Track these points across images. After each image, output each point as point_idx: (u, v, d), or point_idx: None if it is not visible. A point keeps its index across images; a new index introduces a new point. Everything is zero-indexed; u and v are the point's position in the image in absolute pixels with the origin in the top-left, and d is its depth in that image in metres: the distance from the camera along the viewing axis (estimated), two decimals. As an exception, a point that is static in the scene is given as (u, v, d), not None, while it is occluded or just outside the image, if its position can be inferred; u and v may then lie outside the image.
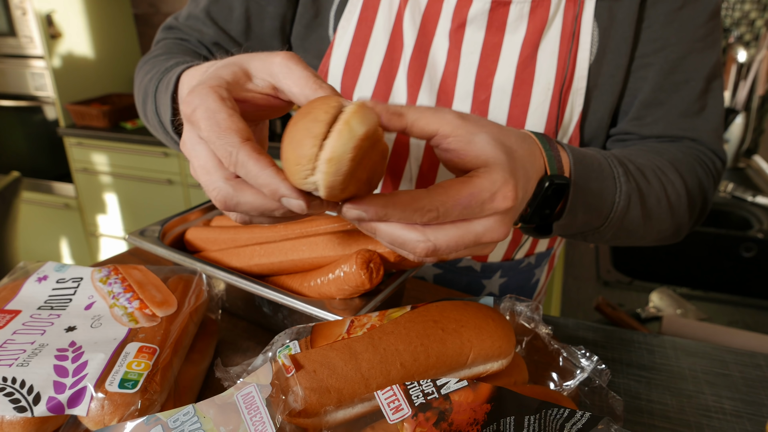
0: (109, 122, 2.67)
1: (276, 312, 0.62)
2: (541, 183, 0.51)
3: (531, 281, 0.94)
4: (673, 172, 0.66)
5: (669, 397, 0.61)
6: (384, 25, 0.77)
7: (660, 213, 0.64)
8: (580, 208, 0.55)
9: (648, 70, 0.71)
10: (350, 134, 0.35)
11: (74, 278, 0.57)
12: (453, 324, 0.48)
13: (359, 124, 0.36)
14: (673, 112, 0.72)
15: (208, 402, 0.42)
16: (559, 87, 0.72)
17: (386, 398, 0.40)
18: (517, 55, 0.73)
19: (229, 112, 0.40)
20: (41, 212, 3.11)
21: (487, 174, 0.42)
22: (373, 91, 0.79)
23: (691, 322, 1.11)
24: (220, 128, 0.39)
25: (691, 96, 0.71)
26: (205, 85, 0.41)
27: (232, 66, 0.44)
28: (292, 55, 0.44)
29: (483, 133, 0.44)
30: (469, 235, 0.43)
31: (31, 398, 0.43)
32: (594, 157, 0.57)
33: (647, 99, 0.72)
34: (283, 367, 0.43)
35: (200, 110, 0.40)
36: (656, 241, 0.69)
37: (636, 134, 0.74)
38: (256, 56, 0.45)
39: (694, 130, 0.72)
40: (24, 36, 2.61)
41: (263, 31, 0.82)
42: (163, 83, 0.61)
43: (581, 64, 0.72)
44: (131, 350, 0.48)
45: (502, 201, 0.42)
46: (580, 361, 0.53)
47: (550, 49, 0.72)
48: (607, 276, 1.35)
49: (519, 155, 0.46)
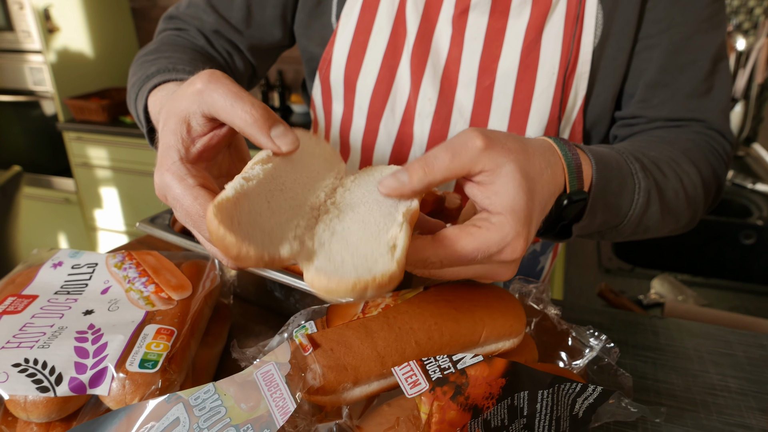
0: (108, 116, 2.67)
1: (288, 296, 0.63)
2: (559, 200, 0.49)
3: (536, 268, 0.95)
4: (687, 162, 0.64)
5: (675, 376, 0.62)
6: (387, 12, 0.77)
7: (678, 205, 0.62)
8: (600, 208, 0.53)
9: (653, 52, 0.71)
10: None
11: (89, 264, 0.57)
12: (466, 303, 0.48)
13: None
14: (680, 93, 0.71)
15: (228, 380, 0.42)
16: (563, 71, 0.72)
17: (404, 374, 0.41)
18: (522, 40, 0.73)
19: (194, 195, 0.41)
20: (41, 207, 3.11)
21: (499, 227, 0.40)
22: (377, 78, 0.79)
23: (693, 307, 1.13)
24: (191, 216, 0.41)
25: (697, 77, 0.70)
26: (163, 169, 0.43)
27: (172, 123, 0.44)
28: (209, 79, 0.42)
29: (508, 164, 0.41)
30: (468, 272, 0.43)
31: (53, 378, 0.44)
32: (612, 156, 0.55)
33: (653, 80, 0.72)
34: (301, 346, 0.44)
35: (170, 198, 0.42)
36: (671, 232, 0.68)
37: (643, 117, 0.73)
38: (179, 97, 0.44)
39: (701, 112, 0.71)
40: (21, 30, 2.60)
41: (264, 18, 0.83)
42: (140, 95, 0.63)
43: (585, 48, 0.72)
44: (149, 332, 0.48)
45: (511, 254, 0.41)
46: (589, 341, 0.54)
47: (555, 33, 0.72)
48: (609, 263, 1.36)
49: (540, 188, 0.44)
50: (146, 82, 0.63)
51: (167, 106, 0.46)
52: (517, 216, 0.41)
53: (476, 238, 0.40)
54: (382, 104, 0.81)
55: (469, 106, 0.76)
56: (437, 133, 0.78)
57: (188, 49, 0.77)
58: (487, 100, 0.75)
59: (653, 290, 1.24)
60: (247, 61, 0.87)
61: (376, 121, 0.82)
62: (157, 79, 0.61)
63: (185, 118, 0.43)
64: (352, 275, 0.35)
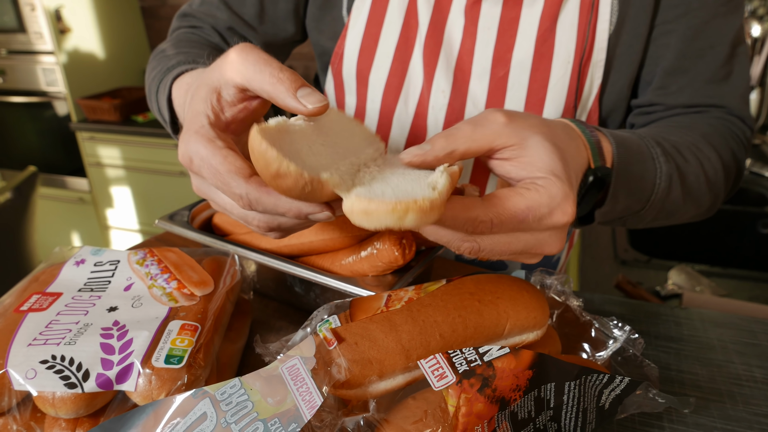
0: (120, 116, 2.69)
1: (308, 291, 0.63)
2: (585, 176, 0.48)
3: (552, 259, 0.94)
4: (708, 147, 0.63)
5: (699, 367, 0.62)
6: (398, 4, 0.77)
7: (699, 190, 0.62)
8: (622, 192, 0.53)
9: (670, 37, 0.70)
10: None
11: (111, 261, 0.58)
12: (489, 296, 0.48)
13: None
14: (699, 79, 0.70)
15: (254, 375, 0.42)
16: (579, 60, 0.71)
17: (430, 366, 0.41)
18: (536, 29, 0.72)
19: (223, 154, 0.41)
20: (56, 207, 3.14)
21: (546, 187, 0.40)
22: (389, 71, 0.79)
23: (712, 298, 1.12)
24: (221, 174, 0.40)
25: (716, 62, 0.69)
26: (191, 132, 0.42)
27: (203, 92, 0.44)
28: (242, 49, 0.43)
29: (535, 135, 0.41)
30: (518, 243, 0.41)
31: (80, 375, 0.44)
32: (632, 140, 0.55)
33: (671, 67, 0.71)
34: (325, 341, 0.44)
35: (196, 160, 0.42)
36: (693, 218, 0.67)
37: (661, 104, 0.72)
38: (211, 69, 0.45)
39: (721, 97, 0.70)
40: (33, 32, 2.62)
41: (277, 13, 0.83)
42: (163, 85, 0.63)
43: (600, 35, 0.71)
44: (174, 328, 0.49)
45: (561, 216, 0.40)
46: (613, 332, 0.53)
47: (569, 21, 0.71)
48: (625, 255, 1.35)
49: (570, 157, 0.44)
50: (167, 73, 0.63)
51: (197, 81, 0.46)
52: (560, 177, 0.40)
53: (527, 198, 0.39)
54: (395, 97, 0.80)
55: (483, 97, 0.76)
56: (451, 124, 0.78)
57: (204, 46, 0.77)
58: (501, 90, 0.75)
59: (670, 281, 1.23)
60: None
61: (389, 115, 0.82)
62: (180, 69, 0.61)
63: (216, 88, 0.43)
64: (391, 198, 0.34)
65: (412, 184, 0.38)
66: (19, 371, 0.43)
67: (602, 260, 1.34)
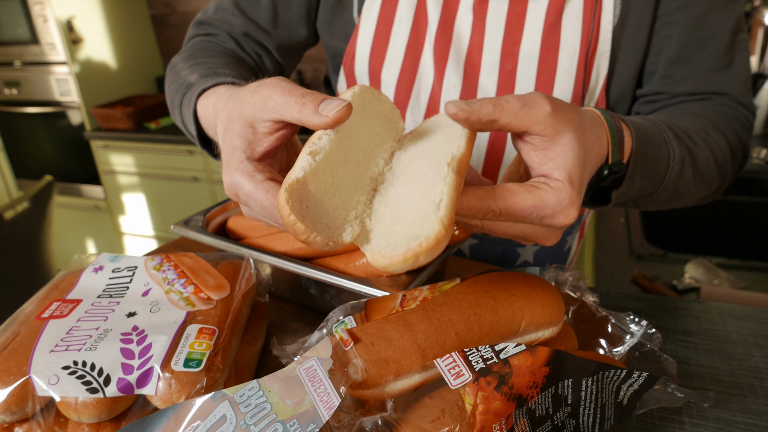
0: (133, 123, 2.72)
1: (323, 292, 0.63)
2: (600, 170, 0.51)
3: (564, 248, 0.95)
4: (716, 131, 0.66)
5: (718, 360, 0.61)
6: (408, 4, 0.79)
7: (709, 173, 0.64)
8: (638, 175, 0.55)
9: (672, 28, 0.71)
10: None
11: (129, 267, 0.58)
12: (503, 293, 0.48)
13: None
14: (702, 67, 0.72)
15: (272, 377, 0.43)
16: (585, 52, 0.73)
17: (446, 365, 0.41)
18: (542, 23, 0.74)
19: (266, 188, 0.44)
20: (72, 215, 3.18)
21: (557, 191, 0.42)
22: (401, 68, 0.81)
23: (731, 291, 1.10)
24: (266, 207, 0.44)
25: (718, 50, 0.71)
26: (232, 168, 0.46)
27: (238, 127, 0.47)
28: (273, 84, 0.45)
29: (568, 133, 0.43)
30: (516, 230, 0.44)
31: (101, 380, 0.45)
32: (647, 126, 0.57)
33: (674, 56, 0.72)
34: (341, 341, 0.44)
35: (242, 195, 0.45)
36: (701, 200, 0.70)
37: (666, 93, 0.74)
38: (244, 104, 0.47)
39: (723, 85, 0.72)
40: (47, 43, 2.66)
41: (290, 18, 0.84)
42: (187, 100, 0.66)
43: (605, 27, 0.72)
44: (192, 332, 0.49)
45: (563, 219, 0.43)
46: (629, 327, 0.53)
47: (574, 14, 0.73)
48: (640, 249, 1.33)
49: (590, 160, 0.46)
50: (190, 89, 0.66)
51: (227, 110, 0.49)
52: (573, 184, 0.42)
53: (535, 197, 0.42)
54: (407, 93, 0.82)
55: (493, 90, 0.77)
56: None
57: (221, 54, 0.79)
58: (510, 83, 0.76)
59: (687, 275, 1.22)
60: (275, 61, 0.89)
61: (402, 110, 0.83)
62: (202, 84, 0.64)
63: (251, 123, 0.46)
64: (402, 248, 0.38)
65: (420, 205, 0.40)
66: (42, 377, 0.44)
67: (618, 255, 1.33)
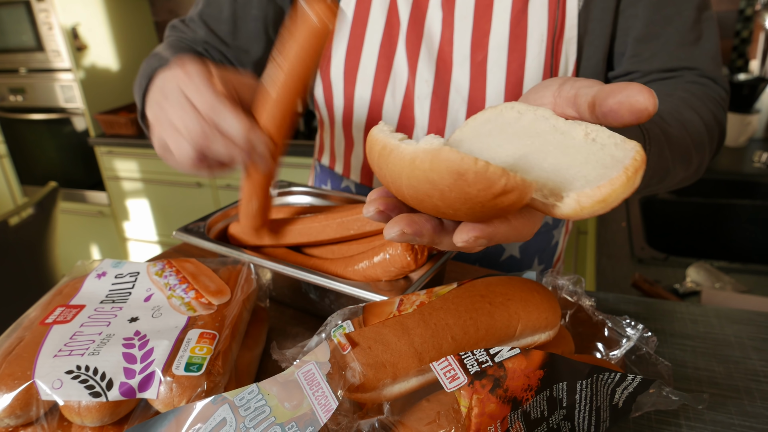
0: (137, 130, 2.73)
1: (323, 297, 0.64)
2: None
3: (551, 243, 0.95)
4: (688, 110, 0.67)
5: (716, 364, 0.61)
6: (380, 5, 0.81)
7: (688, 152, 0.65)
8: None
9: (637, 8, 0.73)
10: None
11: (131, 273, 0.59)
12: (499, 297, 0.49)
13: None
14: (670, 43, 0.74)
15: (271, 380, 0.43)
16: (551, 38, 0.75)
17: (442, 368, 0.41)
18: (509, 12, 0.75)
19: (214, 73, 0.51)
20: (77, 221, 3.20)
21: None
22: (376, 67, 0.83)
23: (732, 294, 1.10)
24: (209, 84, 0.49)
25: (684, 26, 0.73)
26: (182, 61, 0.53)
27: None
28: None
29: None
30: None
31: (104, 384, 0.45)
32: None
33: (641, 35, 0.74)
34: (339, 346, 0.45)
35: (190, 67, 0.51)
36: (683, 180, 0.70)
37: (637, 71, 0.76)
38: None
39: (693, 60, 0.74)
40: (51, 50, 2.69)
41: (248, 33, 0.87)
42: (144, 70, 0.72)
43: (571, 13, 0.74)
44: (193, 336, 0.50)
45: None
46: (626, 330, 0.53)
47: (540, 1, 0.74)
48: (642, 253, 1.34)
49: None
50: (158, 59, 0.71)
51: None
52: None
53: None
54: (383, 90, 0.84)
55: (465, 83, 0.79)
56: (436, 112, 0.82)
57: (191, 50, 0.83)
58: (482, 74, 0.78)
59: (689, 278, 1.22)
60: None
61: (378, 109, 0.85)
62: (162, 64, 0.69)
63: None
64: (617, 170, 0.31)
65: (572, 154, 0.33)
66: (46, 382, 0.45)
67: (619, 259, 1.33)
